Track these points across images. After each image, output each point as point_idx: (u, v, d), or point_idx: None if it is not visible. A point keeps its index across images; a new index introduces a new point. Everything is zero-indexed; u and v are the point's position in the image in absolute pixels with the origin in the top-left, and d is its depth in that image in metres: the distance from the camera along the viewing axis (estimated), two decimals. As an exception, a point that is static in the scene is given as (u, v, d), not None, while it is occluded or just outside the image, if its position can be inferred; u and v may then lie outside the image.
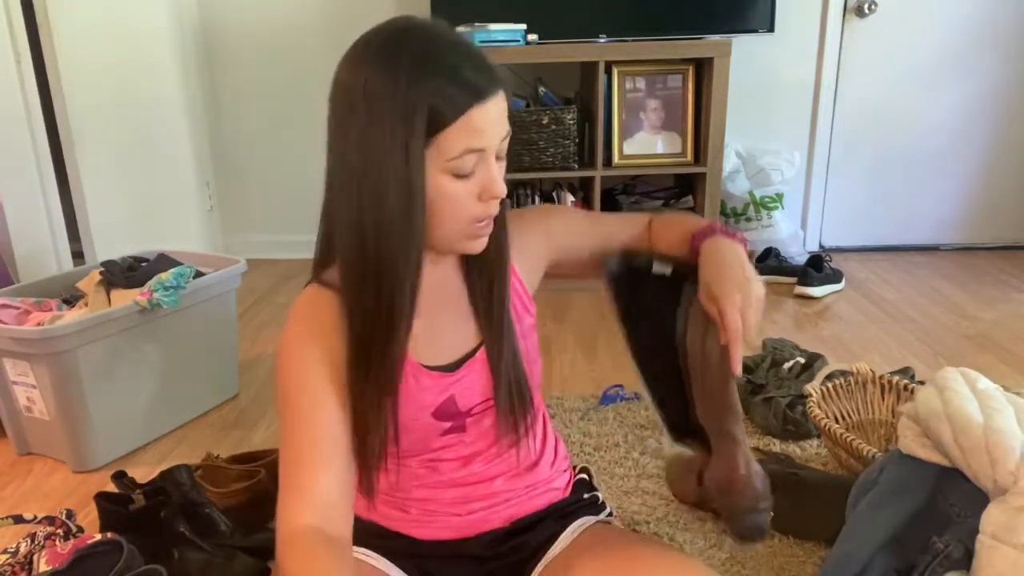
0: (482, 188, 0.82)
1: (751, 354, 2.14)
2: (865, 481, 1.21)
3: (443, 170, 0.79)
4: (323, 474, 0.80)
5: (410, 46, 0.78)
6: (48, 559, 1.19)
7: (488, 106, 0.78)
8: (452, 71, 0.77)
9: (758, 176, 2.92)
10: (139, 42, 2.71)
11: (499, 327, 0.91)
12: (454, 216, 0.82)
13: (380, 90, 0.78)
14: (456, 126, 0.77)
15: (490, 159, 0.81)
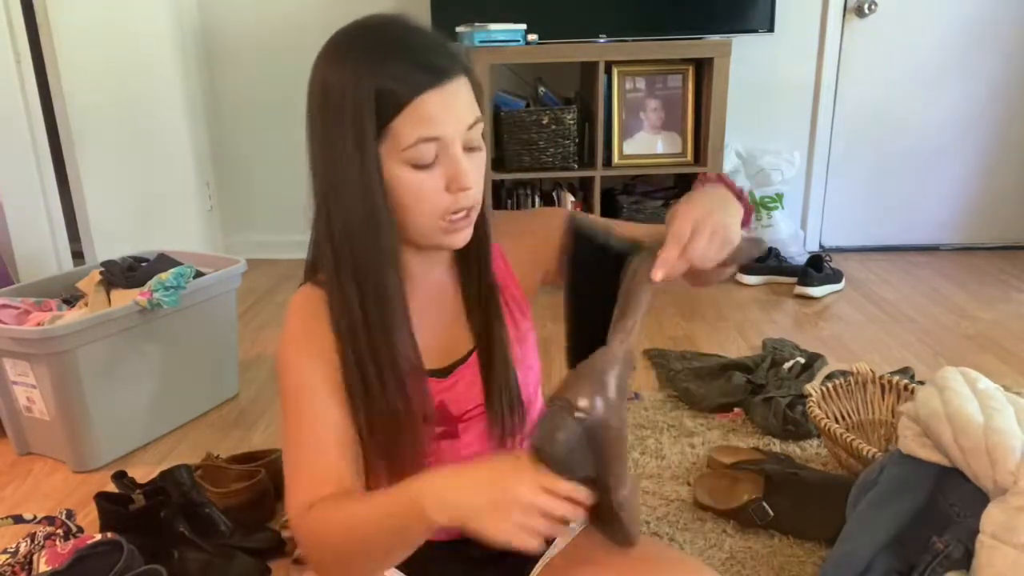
0: (449, 179, 0.78)
1: (751, 354, 2.15)
2: (865, 481, 1.22)
3: (401, 161, 0.77)
4: (327, 461, 0.81)
5: (362, 37, 0.77)
6: (48, 559, 1.19)
7: (444, 91, 0.75)
8: (402, 55, 0.75)
9: (758, 176, 2.92)
10: (139, 42, 2.71)
11: (490, 332, 0.89)
12: (421, 210, 0.79)
13: (333, 86, 0.76)
14: (407, 113, 0.75)
15: (454, 148, 0.77)
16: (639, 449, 1.68)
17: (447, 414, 0.91)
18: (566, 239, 0.88)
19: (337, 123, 0.76)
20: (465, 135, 0.78)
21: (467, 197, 0.79)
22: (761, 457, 1.55)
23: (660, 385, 2.00)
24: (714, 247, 0.77)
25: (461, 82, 0.77)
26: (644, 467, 1.61)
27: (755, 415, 1.76)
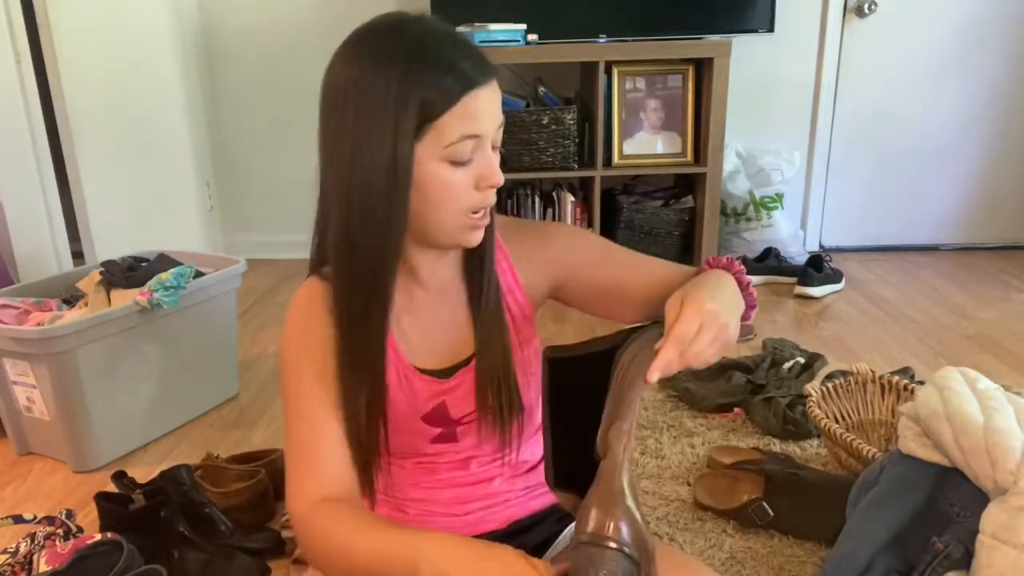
0: (479, 176, 0.80)
1: (751, 354, 2.15)
2: (865, 481, 1.22)
3: (441, 157, 0.78)
4: (328, 458, 0.82)
5: (405, 38, 0.78)
6: (48, 559, 1.19)
7: (484, 92, 0.78)
8: (448, 60, 0.77)
9: (758, 176, 2.92)
10: (139, 43, 2.71)
11: (491, 336, 0.89)
12: (449, 207, 0.81)
13: (374, 81, 0.78)
14: (453, 112, 0.76)
15: (487, 146, 0.80)
16: (639, 449, 1.68)
17: (446, 416, 0.91)
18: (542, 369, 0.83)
19: (373, 119, 0.78)
20: (494, 134, 0.81)
21: (492, 195, 0.82)
22: (761, 457, 1.55)
23: (660, 385, 2.00)
24: (712, 350, 0.75)
25: (495, 84, 0.80)
26: (644, 467, 1.61)
27: (755, 415, 1.76)
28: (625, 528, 0.67)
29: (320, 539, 0.79)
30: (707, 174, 2.73)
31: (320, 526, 0.79)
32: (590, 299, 0.96)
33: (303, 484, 0.82)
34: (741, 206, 2.95)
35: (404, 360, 0.88)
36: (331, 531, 0.78)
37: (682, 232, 2.86)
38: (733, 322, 0.77)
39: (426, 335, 0.90)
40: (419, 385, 0.89)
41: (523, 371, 0.92)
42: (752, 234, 2.94)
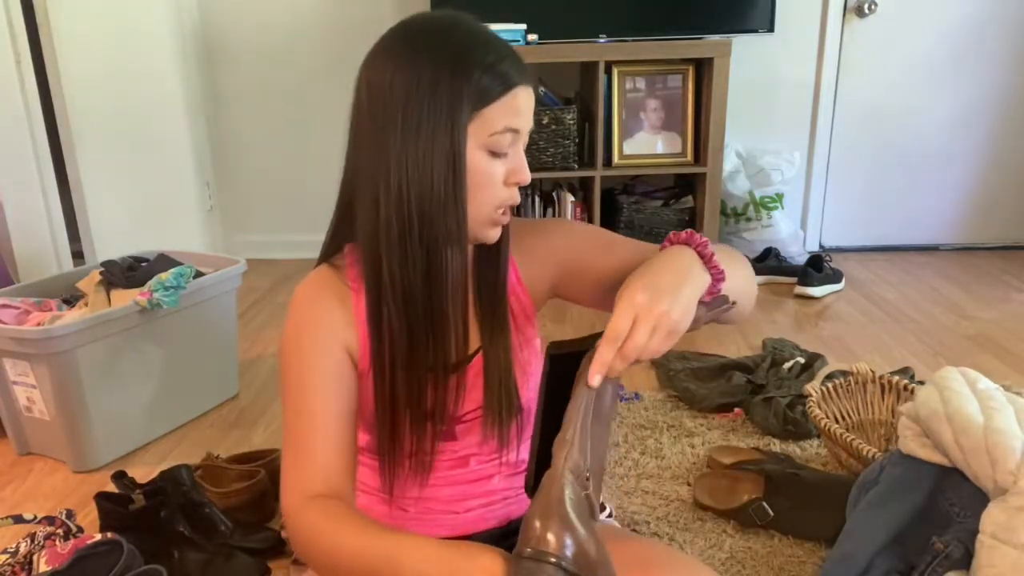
0: (510, 172, 0.83)
1: (751, 353, 2.15)
2: (865, 481, 1.22)
3: (482, 146, 0.81)
4: (323, 454, 0.82)
5: (452, 34, 0.81)
6: (48, 559, 1.19)
7: (525, 92, 0.82)
8: (496, 57, 0.80)
9: (758, 176, 2.92)
10: (139, 43, 2.71)
11: (494, 334, 0.90)
12: (483, 197, 0.83)
13: (426, 73, 0.79)
14: (503, 101, 0.80)
15: (521, 143, 0.84)
16: (639, 449, 1.68)
17: (444, 412, 0.91)
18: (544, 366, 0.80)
19: (431, 112, 0.79)
20: (526, 136, 0.84)
21: (518, 194, 0.85)
22: (761, 457, 1.55)
23: (660, 385, 2.00)
24: (656, 340, 0.72)
25: (530, 87, 0.84)
26: (644, 467, 1.61)
27: (755, 415, 1.76)
28: (567, 540, 0.64)
29: (308, 536, 0.79)
30: (707, 174, 2.73)
31: (308, 522, 0.79)
32: (591, 292, 0.94)
33: (297, 479, 0.82)
34: (741, 206, 2.95)
35: None
36: (319, 529, 0.78)
37: (682, 232, 2.85)
38: (679, 306, 0.73)
39: None
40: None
41: (522, 371, 0.92)
42: (752, 234, 2.94)
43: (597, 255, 0.94)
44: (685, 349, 2.21)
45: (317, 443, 0.83)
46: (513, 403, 0.91)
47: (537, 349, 0.98)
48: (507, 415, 0.90)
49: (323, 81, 3.08)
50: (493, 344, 0.90)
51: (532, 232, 0.97)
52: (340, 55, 3.03)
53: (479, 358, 0.90)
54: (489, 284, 0.91)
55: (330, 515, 0.78)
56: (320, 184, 3.20)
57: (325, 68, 3.06)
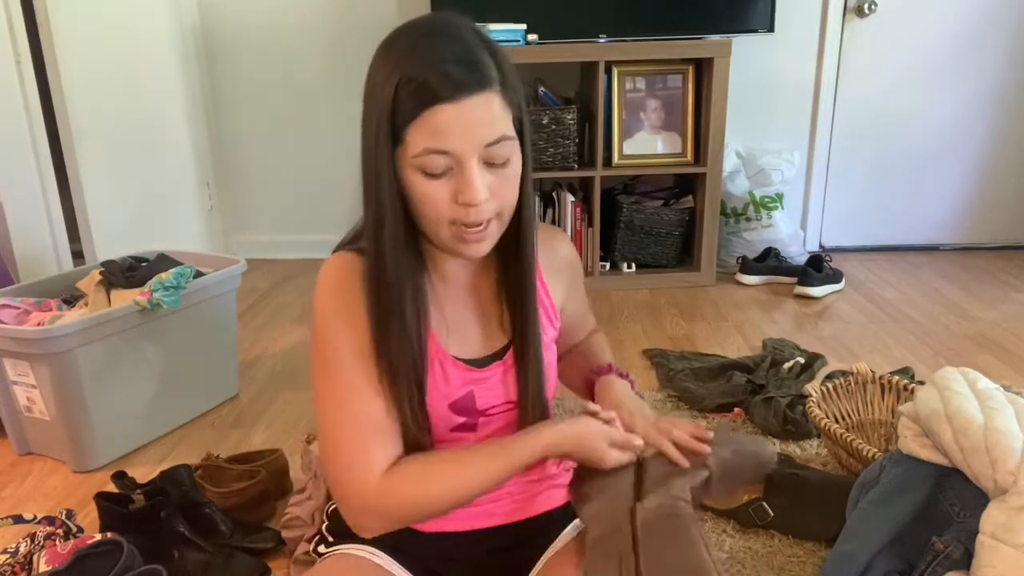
0: (455, 192, 0.79)
1: (751, 353, 2.15)
2: (865, 481, 1.21)
3: (412, 166, 0.78)
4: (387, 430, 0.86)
5: (404, 36, 0.79)
6: (48, 559, 1.19)
7: (459, 107, 0.75)
8: (424, 64, 0.75)
9: (758, 176, 2.92)
10: (139, 42, 2.71)
11: (526, 331, 0.92)
12: (428, 216, 0.81)
13: (373, 79, 0.80)
14: (417, 123, 0.76)
15: (467, 164, 0.77)
16: (639, 449, 1.68)
17: (472, 406, 0.92)
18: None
19: (368, 117, 0.80)
20: (483, 151, 0.78)
21: (475, 212, 0.79)
22: (761, 457, 1.55)
23: (660, 385, 2.00)
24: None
25: (483, 98, 0.76)
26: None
27: (755, 415, 1.76)
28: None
29: (403, 500, 0.84)
30: (707, 174, 2.73)
31: (404, 479, 0.85)
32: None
33: (359, 473, 0.84)
34: (741, 206, 2.95)
35: (440, 348, 0.90)
36: (423, 473, 0.85)
37: (682, 232, 2.86)
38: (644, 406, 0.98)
39: (461, 325, 0.93)
40: (452, 372, 0.91)
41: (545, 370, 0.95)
42: (752, 234, 2.94)
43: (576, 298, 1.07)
44: (685, 349, 2.21)
45: (372, 419, 0.85)
46: (544, 398, 0.94)
47: (554, 352, 1.01)
48: (538, 411, 0.93)
49: (323, 81, 3.08)
50: (523, 341, 0.92)
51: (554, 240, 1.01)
52: (340, 55, 3.04)
53: (510, 354, 0.93)
54: (515, 283, 0.92)
55: (426, 461, 0.86)
56: (320, 184, 3.20)
57: (325, 68, 3.06)
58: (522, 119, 0.82)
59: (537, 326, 0.93)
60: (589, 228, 2.78)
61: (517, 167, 0.82)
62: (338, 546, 0.96)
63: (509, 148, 0.80)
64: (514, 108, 0.80)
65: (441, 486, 0.85)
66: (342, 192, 3.00)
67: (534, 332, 0.92)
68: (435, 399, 0.90)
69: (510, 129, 0.80)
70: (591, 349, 1.12)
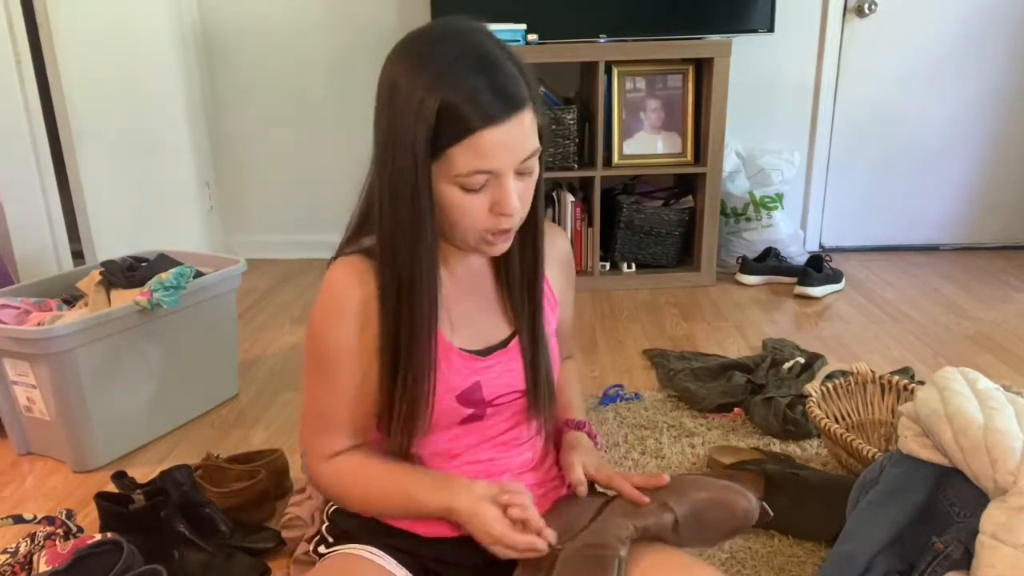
0: (493, 203, 0.82)
1: (751, 353, 2.15)
2: (865, 481, 1.21)
3: (451, 183, 0.81)
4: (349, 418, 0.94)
5: (442, 53, 0.79)
6: (48, 559, 1.19)
7: (502, 129, 0.78)
8: (471, 89, 0.77)
9: (758, 176, 2.92)
10: (139, 42, 2.71)
11: (534, 319, 0.95)
12: (464, 225, 0.84)
13: (405, 91, 0.79)
14: (465, 144, 0.78)
15: (504, 178, 0.81)
16: (639, 449, 1.68)
17: (479, 396, 0.94)
18: None
19: (397, 127, 0.80)
20: (521, 164, 0.82)
21: (508, 220, 0.84)
22: (761, 457, 1.55)
23: (660, 385, 2.00)
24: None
25: (523, 116, 0.79)
26: (644, 467, 1.61)
27: (755, 415, 1.76)
28: None
29: (340, 484, 0.95)
30: (707, 174, 2.73)
31: (338, 474, 0.95)
32: None
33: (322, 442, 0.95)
34: (741, 206, 2.95)
35: (444, 339, 0.92)
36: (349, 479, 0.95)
37: (682, 232, 2.86)
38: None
39: (464, 317, 0.94)
40: (458, 362, 0.92)
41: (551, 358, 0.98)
42: (752, 234, 2.94)
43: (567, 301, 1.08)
44: (685, 349, 2.21)
45: (340, 414, 0.93)
46: (552, 383, 0.97)
47: (556, 343, 1.03)
48: (547, 396, 0.96)
49: (323, 81, 3.07)
50: (531, 329, 0.95)
51: (554, 235, 1.03)
52: (340, 55, 3.03)
53: (515, 343, 0.95)
54: (525, 273, 0.94)
55: (360, 466, 0.94)
56: (320, 184, 3.20)
57: (325, 68, 3.06)
58: (543, 128, 0.86)
59: (543, 313, 0.96)
60: (589, 228, 2.78)
61: (537, 172, 0.86)
62: (338, 546, 0.97)
63: (535, 159, 0.84)
64: (540, 118, 0.84)
65: (356, 497, 0.95)
66: (342, 192, 2.99)
67: (540, 319, 0.95)
68: (443, 392, 0.92)
69: (537, 141, 0.83)
70: (566, 389, 1.13)
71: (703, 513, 0.90)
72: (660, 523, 0.89)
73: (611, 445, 1.70)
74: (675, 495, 0.91)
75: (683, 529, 0.90)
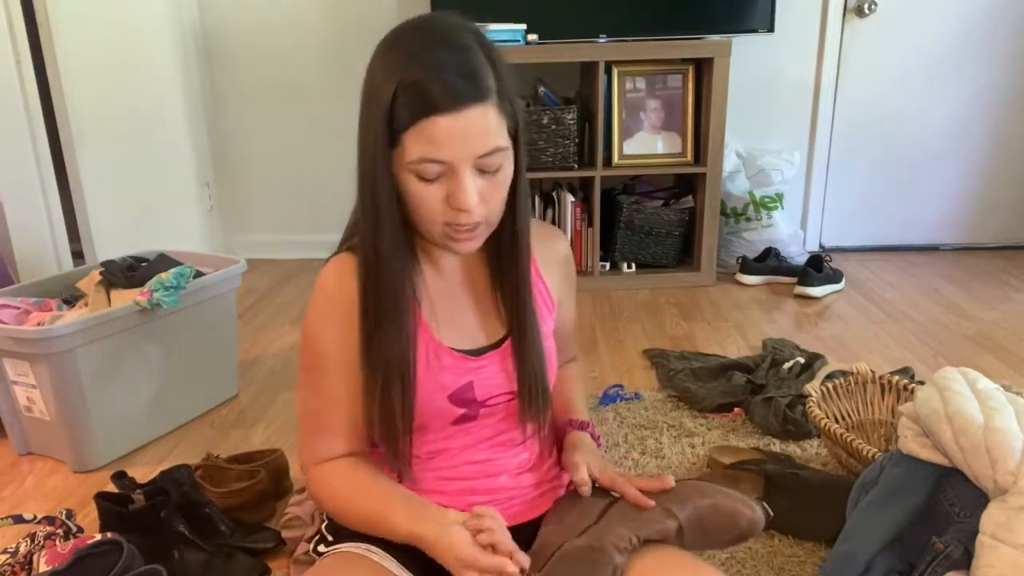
0: (449, 195, 0.81)
1: (751, 353, 2.15)
2: (865, 481, 1.21)
3: (407, 170, 0.80)
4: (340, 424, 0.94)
5: (414, 39, 0.80)
6: (48, 559, 1.19)
7: (453, 118, 0.76)
8: (428, 73, 0.76)
9: (758, 176, 2.92)
10: (139, 42, 2.71)
11: (524, 321, 0.94)
12: (421, 216, 0.84)
13: (373, 79, 0.81)
14: (414, 131, 0.78)
15: (460, 171, 0.79)
16: (639, 449, 1.68)
17: (471, 396, 0.93)
18: None
19: (365, 116, 0.82)
20: (477, 160, 0.80)
21: (467, 216, 0.82)
22: (761, 457, 1.55)
23: (660, 385, 2.00)
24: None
25: (480, 111, 0.78)
26: (644, 467, 1.61)
27: (755, 415, 1.76)
28: None
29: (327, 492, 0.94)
30: (707, 174, 2.73)
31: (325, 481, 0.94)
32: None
33: (315, 446, 0.95)
34: (741, 206, 2.95)
35: (434, 338, 0.92)
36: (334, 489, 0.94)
37: (682, 232, 2.86)
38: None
39: (454, 317, 0.94)
40: (448, 361, 0.92)
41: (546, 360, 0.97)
42: (752, 234, 2.94)
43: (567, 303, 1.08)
44: (685, 349, 2.21)
45: (331, 417, 0.93)
46: (546, 389, 0.96)
47: (553, 343, 1.02)
48: (542, 398, 0.95)
49: (323, 81, 3.07)
50: (521, 331, 0.94)
51: (552, 238, 1.03)
52: (340, 55, 3.03)
53: (507, 344, 0.94)
54: (510, 275, 0.94)
55: (344, 477, 0.93)
56: (320, 184, 3.20)
57: (325, 68, 3.06)
58: (517, 125, 0.84)
59: (534, 315, 0.95)
60: (589, 228, 2.78)
61: (508, 173, 0.85)
62: (338, 545, 0.97)
63: (501, 157, 0.82)
64: (509, 117, 0.82)
65: (335, 508, 0.95)
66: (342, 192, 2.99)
67: (532, 321, 0.94)
68: (433, 391, 0.91)
69: (503, 139, 0.81)
70: (568, 389, 1.12)
71: (707, 521, 0.90)
72: (664, 530, 0.89)
73: (611, 445, 1.70)
74: (679, 502, 0.90)
75: (687, 536, 0.90)
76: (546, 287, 1.00)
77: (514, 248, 0.92)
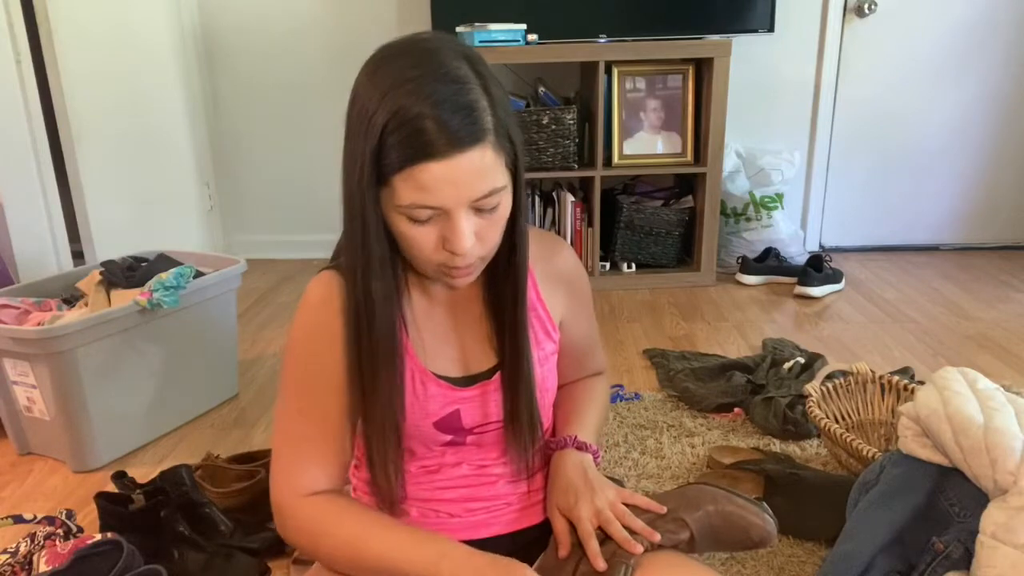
0: (443, 238, 0.76)
1: (751, 353, 2.15)
2: (865, 481, 1.21)
3: (396, 212, 0.75)
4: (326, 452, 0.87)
5: (403, 66, 0.73)
6: (48, 559, 1.19)
7: (446, 165, 0.71)
8: (419, 114, 0.70)
9: (758, 176, 2.92)
10: (139, 42, 2.71)
11: (517, 356, 0.89)
12: (414, 256, 0.79)
13: (358, 106, 0.75)
14: (404, 175, 0.72)
15: (454, 214, 0.74)
16: (639, 449, 1.68)
17: (458, 424, 0.90)
18: None
19: (352, 146, 0.76)
20: (477, 202, 0.75)
21: (461, 258, 0.77)
22: (761, 457, 1.55)
23: (660, 385, 2.00)
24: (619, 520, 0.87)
25: (476, 153, 0.72)
26: (644, 467, 1.61)
27: (755, 415, 1.76)
28: None
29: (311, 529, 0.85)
30: (707, 174, 2.73)
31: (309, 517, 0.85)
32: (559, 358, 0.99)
33: (294, 476, 0.87)
34: (741, 206, 2.95)
35: (419, 364, 0.88)
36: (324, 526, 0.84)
37: (682, 232, 2.86)
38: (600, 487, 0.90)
39: (443, 343, 0.90)
40: (434, 390, 0.88)
41: (540, 387, 0.93)
42: (752, 234, 2.94)
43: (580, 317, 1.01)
44: (685, 349, 2.21)
45: (317, 443, 0.86)
46: (535, 418, 0.91)
47: (554, 366, 0.97)
48: (529, 430, 0.91)
49: (323, 81, 3.08)
50: (513, 359, 0.89)
51: (553, 251, 0.97)
52: (340, 55, 3.04)
53: (499, 375, 0.90)
54: (506, 307, 0.88)
55: (339, 511, 0.84)
56: (320, 184, 3.20)
57: (325, 68, 3.06)
58: (516, 159, 0.78)
59: (528, 350, 0.89)
60: (589, 228, 2.78)
61: (505, 211, 0.79)
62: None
63: (499, 197, 0.76)
64: (507, 154, 0.76)
65: (330, 552, 0.85)
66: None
67: (525, 356, 0.89)
68: (418, 417, 0.88)
69: (501, 178, 0.76)
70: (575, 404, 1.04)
71: (719, 532, 0.88)
72: (675, 540, 0.87)
73: (611, 445, 1.70)
74: (691, 509, 0.89)
75: (699, 546, 0.89)
76: (546, 310, 0.95)
77: (510, 278, 0.87)
